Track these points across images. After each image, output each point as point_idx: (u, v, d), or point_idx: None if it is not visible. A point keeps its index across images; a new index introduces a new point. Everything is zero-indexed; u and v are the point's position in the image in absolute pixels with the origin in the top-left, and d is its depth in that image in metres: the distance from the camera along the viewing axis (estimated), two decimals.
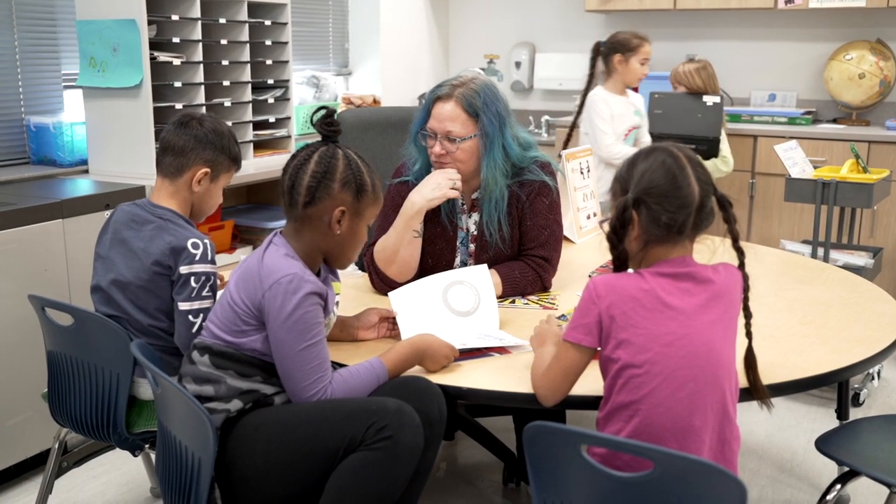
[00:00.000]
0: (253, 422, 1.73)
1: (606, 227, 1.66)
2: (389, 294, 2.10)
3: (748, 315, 1.65)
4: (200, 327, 2.03)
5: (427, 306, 2.07)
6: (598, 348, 1.61)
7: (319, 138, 1.85)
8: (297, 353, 1.71)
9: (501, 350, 1.97)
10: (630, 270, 1.66)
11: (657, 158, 1.60)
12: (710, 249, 1.69)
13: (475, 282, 2.12)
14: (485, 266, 2.16)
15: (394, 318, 2.05)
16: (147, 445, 2.19)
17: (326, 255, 1.86)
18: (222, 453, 1.71)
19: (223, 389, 1.74)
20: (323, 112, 1.83)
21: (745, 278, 1.64)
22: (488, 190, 2.30)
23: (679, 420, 1.53)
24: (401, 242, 2.29)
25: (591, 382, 1.67)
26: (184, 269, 2.06)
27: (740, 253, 1.63)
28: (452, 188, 2.25)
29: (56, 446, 2.32)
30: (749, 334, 1.66)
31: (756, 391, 1.68)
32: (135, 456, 2.29)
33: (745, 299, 1.65)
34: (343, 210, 1.80)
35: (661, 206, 1.58)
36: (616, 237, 1.62)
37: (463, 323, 2.07)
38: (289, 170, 1.81)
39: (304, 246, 1.81)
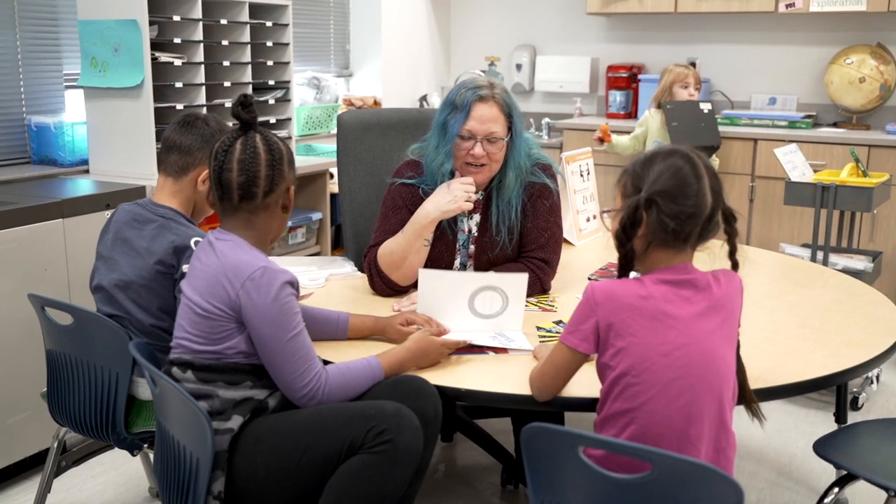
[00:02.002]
0: (253, 433, 1.73)
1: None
2: (420, 271, 2.08)
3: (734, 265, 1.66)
4: None
5: (451, 301, 2.04)
6: (595, 354, 1.61)
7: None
8: (283, 345, 1.70)
9: (499, 349, 1.97)
10: (633, 273, 1.65)
11: (676, 163, 1.58)
12: (711, 255, 1.66)
13: (509, 290, 2.05)
14: (525, 276, 2.06)
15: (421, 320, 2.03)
16: (146, 445, 2.19)
17: (272, 237, 1.85)
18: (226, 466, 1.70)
19: (217, 403, 1.72)
20: (241, 97, 1.78)
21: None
22: (507, 188, 2.30)
23: (675, 430, 1.52)
24: (410, 250, 2.29)
25: (589, 384, 1.67)
26: (186, 268, 2.06)
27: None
28: (467, 200, 2.25)
29: (55, 445, 2.32)
30: (737, 344, 1.64)
31: (745, 400, 1.66)
32: (133, 456, 2.29)
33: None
34: (289, 188, 1.82)
35: (672, 213, 1.56)
36: (625, 235, 1.60)
37: (481, 324, 2.05)
38: (232, 167, 1.74)
39: (259, 234, 1.80)
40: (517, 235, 2.35)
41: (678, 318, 1.55)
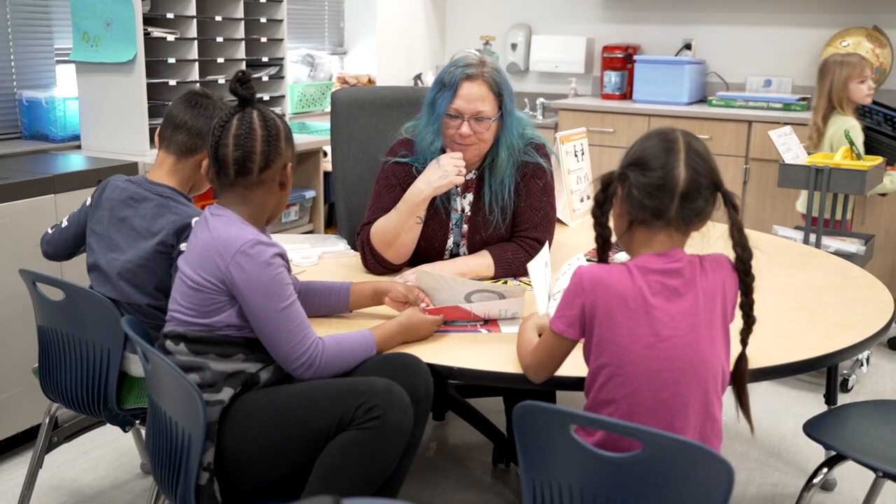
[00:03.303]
0: (244, 407, 1.73)
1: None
2: (418, 271, 2.09)
3: (749, 321, 1.59)
4: None
5: (447, 300, 2.04)
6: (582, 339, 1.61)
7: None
8: (277, 315, 1.70)
9: (491, 327, 1.98)
10: (618, 255, 1.64)
11: (656, 137, 1.57)
12: (704, 236, 1.63)
13: (507, 294, 2.03)
14: (523, 299, 2.03)
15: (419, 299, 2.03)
16: (137, 422, 2.19)
17: (271, 215, 1.85)
18: (216, 441, 1.71)
19: (208, 375, 1.73)
20: (239, 74, 1.77)
21: (748, 280, 1.57)
22: (500, 168, 2.29)
23: (659, 420, 1.52)
24: (403, 228, 2.28)
25: (582, 364, 1.67)
26: (184, 247, 2.04)
27: (739, 260, 1.57)
28: (458, 174, 2.24)
29: (47, 421, 2.33)
30: (745, 342, 1.60)
31: (741, 404, 1.63)
32: (125, 432, 2.29)
33: (748, 304, 1.58)
34: (286, 165, 1.82)
35: (640, 185, 1.55)
36: (599, 211, 1.59)
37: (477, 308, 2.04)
38: (228, 142, 1.74)
39: (255, 210, 1.80)
40: (510, 215, 2.35)
41: (664, 309, 1.53)
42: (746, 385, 1.63)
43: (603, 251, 1.65)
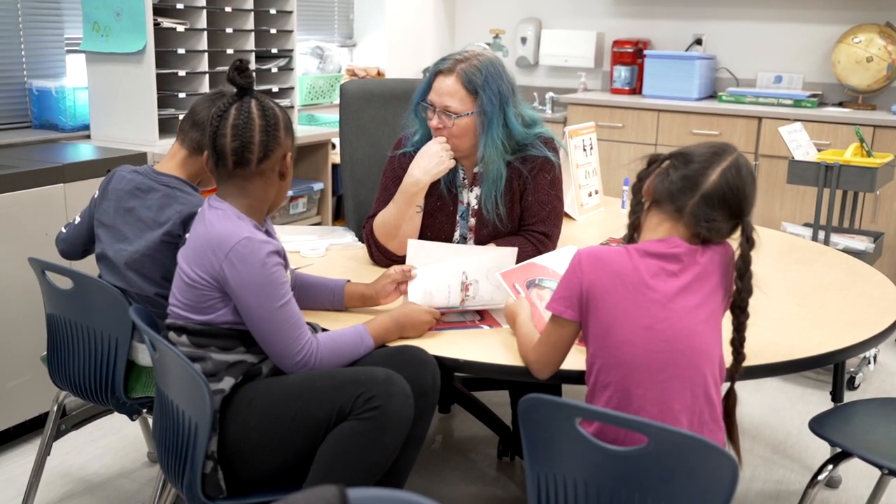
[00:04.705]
0: (246, 396, 1.73)
1: None
2: (409, 241, 2.11)
3: (739, 358, 1.60)
4: None
5: (439, 271, 2.05)
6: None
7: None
8: (272, 314, 1.69)
9: (491, 322, 1.98)
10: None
11: (712, 144, 1.62)
12: None
13: (498, 263, 2.06)
14: (514, 250, 2.09)
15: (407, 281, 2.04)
16: (145, 410, 2.20)
17: (271, 206, 1.84)
18: (219, 429, 1.72)
19: (210, 365, 1.73)
20: (236, 63, 1.76)
21: (742, 318, 1.58)
22: (487, 168, 2.29)
23: (658, 403, 1.52)
24: (403, 218, 2.29)
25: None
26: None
27: (738, 292, 1.58)
28: (450, 158, 2.25)
29: (55, 409, 2.34)
30: (733, 377, 1.61)
31: (730, 438, 1.64)
32: (132, 420, 2.30)
33: (739, 341, 1.59)
34: (286, 155, 1.80)
35: (675, 169, 1.60)
36: (639, 185, 1.65)
37: (473, 262, 2.04)
38: (226, 132, 1.72)
39: (254, 202, 1.78)
40: (506, 214, 2.31)
41: (661, 291, 1.55)
42: (736, 420, 1.65)
43: (633, 220, 1.67)
